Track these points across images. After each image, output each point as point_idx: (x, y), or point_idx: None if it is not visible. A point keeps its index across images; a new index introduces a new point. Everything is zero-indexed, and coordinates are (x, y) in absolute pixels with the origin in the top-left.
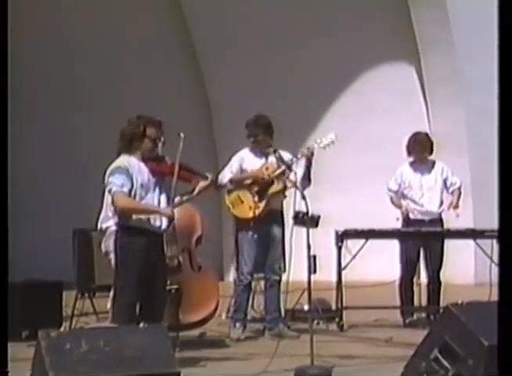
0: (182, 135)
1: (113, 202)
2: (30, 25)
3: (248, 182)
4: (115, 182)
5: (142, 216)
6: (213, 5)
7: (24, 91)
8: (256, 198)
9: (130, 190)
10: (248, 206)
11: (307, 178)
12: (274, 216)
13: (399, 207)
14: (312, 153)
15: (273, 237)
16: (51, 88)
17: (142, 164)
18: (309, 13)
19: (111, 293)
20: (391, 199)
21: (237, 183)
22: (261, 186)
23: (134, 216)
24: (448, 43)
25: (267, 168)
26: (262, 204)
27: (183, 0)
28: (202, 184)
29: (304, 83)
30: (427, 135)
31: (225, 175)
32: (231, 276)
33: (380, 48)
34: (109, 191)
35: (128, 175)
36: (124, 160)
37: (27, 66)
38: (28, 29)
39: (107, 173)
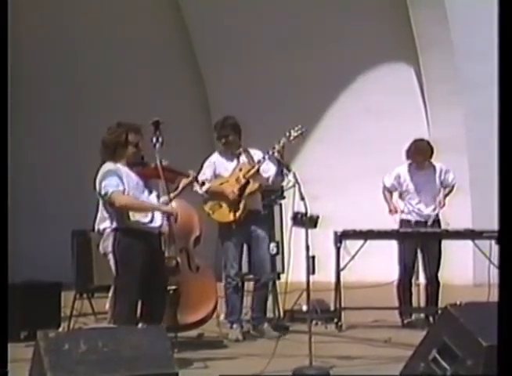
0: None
1: (110, 204)
2: (30, 26)
3: (224, 192)
4: (110, 184)
5: (139, 217)
6: (212, 5)
7: (24, 91)
8: (234, 201)
9: (124, 191)
10: (228, 209)
11: (280, 174)
12: (254, 216)
13: (387, 202)
14: (283, 147)
15: (256, 237)
16: (51, 88)
17: (127, 170)
18: (309, 14)
19: (110, 293)
20: (383, 192)
21: (213, 194)
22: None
23: (132, 217)
24: (447, 43)
25: (240, 169)
26: (241, 206)
27: (183, 0)
28: (185, 181)
29: (303, 83)
30: (428, 143)
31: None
32: None
33: (378, 49)
34: (106, 194)
35: (119, 177)
36: (110, 165)
37: (27, 66)
38: (28, 30)
39: (98, 179)
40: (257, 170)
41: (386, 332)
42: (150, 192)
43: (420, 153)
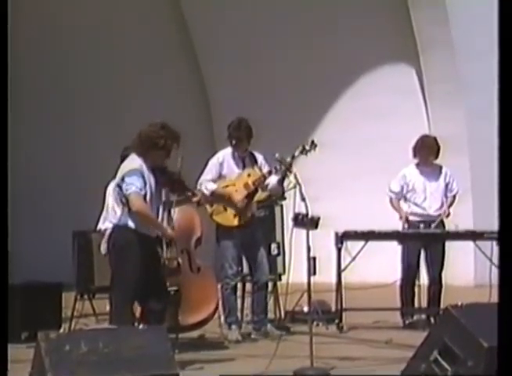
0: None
1: (121, 201)
2: (30, 26)
3: (232, 199)
4: (135, 184)
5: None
6: (213, 5)
7: (24, 92)
8: (241, 208)
9: (145, 196)
10: (232, 214)
11: (281, 185)
12: (256, 220)
13: (397, 210)
14: (291, 164)
15: (256, 240)
16: (51, 89)
17: (149, 173)
18: (309, 14)
19: None
20: (391, 200)
21: (219, 197)
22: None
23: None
24: (448, 43)
25: (249, 175)
26: (248, 212)
27: (183, 0)
28: (194, 200)
29: (303, 83)
30: (435, 139)
31: (207, 185)
32: None
33: (379, 49)
34: (126, 191)
35: (143, 180)
36: (138, 163)
37: (27, 67)
38: (28, 30)
39: (124, 172)
40: (264, 176)
41: (387, 333)
42: (160, 199)
43: (427, 149)
